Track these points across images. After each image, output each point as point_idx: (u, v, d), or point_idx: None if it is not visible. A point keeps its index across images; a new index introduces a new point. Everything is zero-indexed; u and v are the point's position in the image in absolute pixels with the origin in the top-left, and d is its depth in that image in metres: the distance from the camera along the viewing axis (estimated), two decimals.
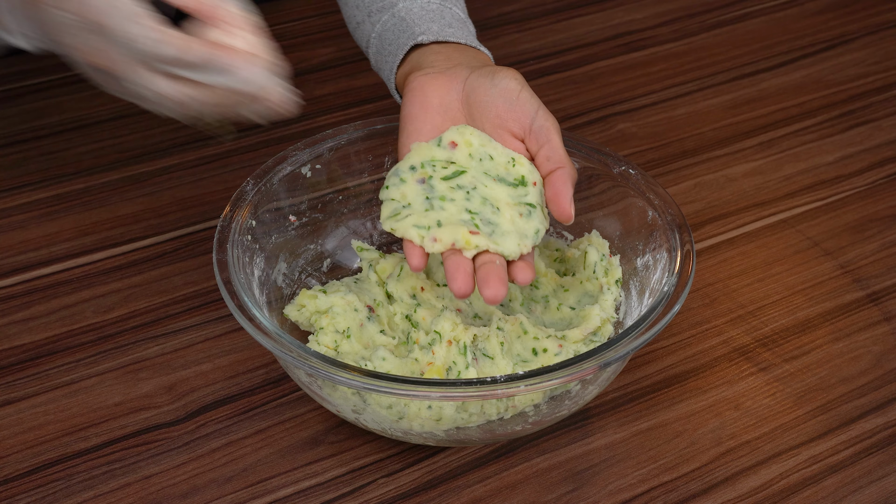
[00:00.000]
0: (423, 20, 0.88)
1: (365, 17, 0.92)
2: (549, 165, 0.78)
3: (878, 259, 0.99)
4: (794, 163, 1.11)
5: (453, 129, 0.81)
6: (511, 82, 0.80)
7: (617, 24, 1.33)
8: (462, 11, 0.92)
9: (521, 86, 0.80)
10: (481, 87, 0.80)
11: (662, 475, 0.80)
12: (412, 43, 0.87)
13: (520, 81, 0.80)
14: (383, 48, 0.90)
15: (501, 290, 0.73)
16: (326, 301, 0.83)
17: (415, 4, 0.89)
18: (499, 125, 0.80)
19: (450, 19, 0.89)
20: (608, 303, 0.84)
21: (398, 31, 0.89)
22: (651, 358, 0.89)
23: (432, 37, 0.86)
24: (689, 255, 0.79)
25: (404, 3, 0.90)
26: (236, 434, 0.82)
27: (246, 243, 0.82)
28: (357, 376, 0.70)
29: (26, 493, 0.78)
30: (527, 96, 0.79)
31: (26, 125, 1.12)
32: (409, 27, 0.88)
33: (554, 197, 0.78)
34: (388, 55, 0.89)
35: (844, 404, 0.86)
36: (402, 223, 0.77)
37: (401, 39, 0.88)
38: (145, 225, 1.00)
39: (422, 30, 0.87)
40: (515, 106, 0.79)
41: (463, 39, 0.87)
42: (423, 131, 0.81)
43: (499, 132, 0.80)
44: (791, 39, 1.31)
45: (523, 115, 0.79)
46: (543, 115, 0.79)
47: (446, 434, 0.77)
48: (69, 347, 0.88)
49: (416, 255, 0.77)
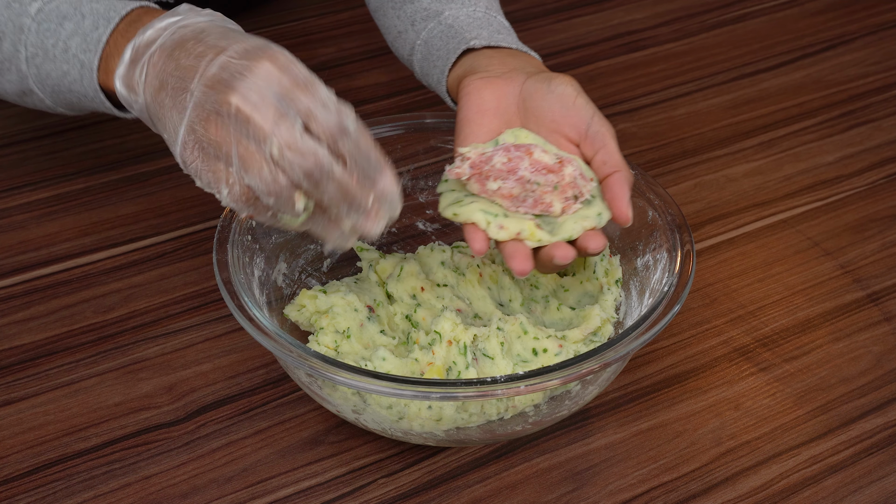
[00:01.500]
0: (472, 27, 0.88)
1: (408, 25, 0.92)
2: (606, 169, 0.79)
3: (878, 259, 0.99)
4: (794, 163, 1.11)
5: (509, 132, 0.81)
6: (567, 88, 0.80)
7: (617, 24, 1.33)
8: (506, 21, 0.92)
9: (577, 92, 0.80)
10: (538, 92, 0.80)
11: (662, 475, 0.80)
12: (464, 47, 0.87)
13: (576, 88, 0.80)
14: (431, 54, 0.90)
15: (528, 264, 0.75)
16: (326, 301, 0.83)
17: (461, 13, 0.90)
18: (554, 130, 0.80)
19: (497, 26, 0.90)
20: (608, 303, 0.84)
21: (447, 38, 0.89)
22: (651, 358, 0.89)
23: (484, 41, 0.87)
24: (689, 255, 0.79)
25: (450, 12, 0.90)
26: (236, 434, 0.82)
27: (246, 243, 0.82)
28: (357, 376, 0.70)
29: (26, 493, 0.78)
30: (583, 102, 0.80)
31: (26, 125, 1.12)
32: (458, 33, 0.88)
33: (612, 200, 0.78)
34: (438, 60, 0.89)
35: (844, 404, 0.86)
36: (466, 208, 0.77)
37: (451, 45, 0.88)
38: (145, 225, 1.00)
39: (473, 35, 0.87)
40: (571, 111, 0.80)
41: (514, 45, 0.87)
42: (480, 134, 0.81)
43: (554, 136, 0.81)
44: (791, 39, 1.31)
45: (579, 120, 0.79)
46: (599, 121, 0.79)
47: (446, 434, 0.77)
48: (69, 347, 0.88)
49: (479, 239, 0.76)
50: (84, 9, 0.80)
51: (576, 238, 0.76)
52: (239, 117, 0.66)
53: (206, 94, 0.67)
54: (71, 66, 0.79)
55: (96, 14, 0.79)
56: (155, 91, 0.71)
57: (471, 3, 0.91)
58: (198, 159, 0.69)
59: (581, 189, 0.77)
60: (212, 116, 0.67)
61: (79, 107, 0.84)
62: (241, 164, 0.67)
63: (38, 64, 0.81)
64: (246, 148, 0.66)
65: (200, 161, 0.69)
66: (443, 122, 0.91)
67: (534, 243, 0.76)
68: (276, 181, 0.66)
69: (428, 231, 0.95)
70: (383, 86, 1.19)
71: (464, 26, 0.89)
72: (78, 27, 0.79)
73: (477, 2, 0.91)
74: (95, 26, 0.78)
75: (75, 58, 0.79)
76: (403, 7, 0.93)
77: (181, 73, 0.69)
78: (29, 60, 0.81)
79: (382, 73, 1.20)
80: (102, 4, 0.80)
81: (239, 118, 0.66)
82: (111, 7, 0.79)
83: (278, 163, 0.66)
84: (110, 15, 0.79)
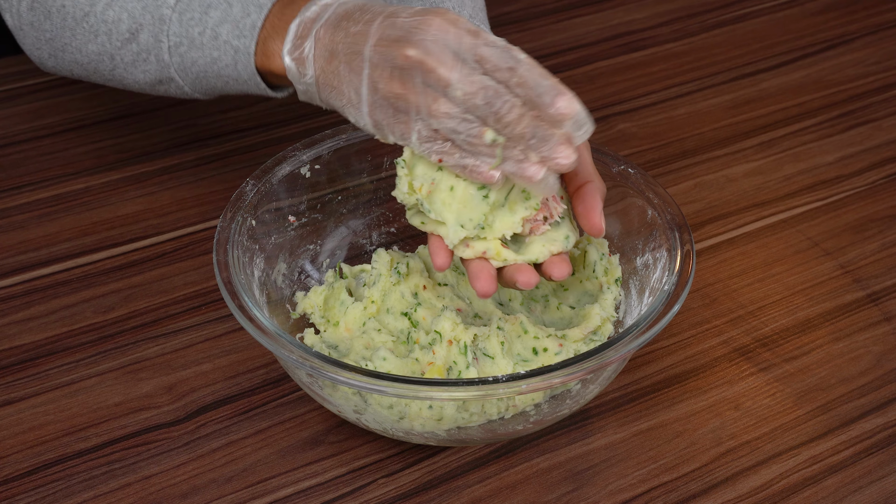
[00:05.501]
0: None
1: None
2: (578, 180, 0.78)
3: (878, 259, 0.99)
4: (794, 163, 1.11)
5: None
6: None
7: (617, 24, 1.33)
8: (489, 30, 0.92)
9: None
10: None
11: (662, 475, 0.80)
12: None
13: None
14: None
15: (492, 285, 0.75)
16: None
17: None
18: None
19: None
20: (608, 302, 0.84)
21: None
22: (651, 358, 0.89)
23: None
24: (689, 254, 0.79)
25: None
26: (236, 434, 0.82)
27: (246, 243, 0.82)
28: (358, 376, 0.70)
29: (26, 493, 0.78)
30: None
31: (26, 125, 1.12)
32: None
33: (584, 211, 0.77)
34: None
35: (844, 404, 0.86)
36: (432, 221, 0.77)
37: None
38: (145, 225, 1.00)
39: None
40: None
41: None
42: None
43: None
44: (791, 39, 1.31)
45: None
46: None
47: (447, 434, 0.77)
48: (69, 347, 0.88)
49: (442, 255, 0.76)
50: None
51: (541, 262, 0.76)
52: (421, 68, 0.70)
53: (383, 53, 0.71)
54: (222, 52, 0.82)
55: (244, 1, 0.81)
56: (325, 62, 0.75)
57: (455, 10, 0.91)
58: (387, 115, 0.73)
59: (551, 210, 0.76)
60: (394, 72, 0.71)
61: (223, 91, 0.87)
62: (427, 111, 0.71)
63: (183, 52, 0.84)
64: (431, 95, 0.70)
65: (390, 117, 0.73)
66: None
67: (499, 263, 0.75)
68: (464, 119, 0.70)
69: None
70: None
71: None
72: (226, 15, 0.82)
73: (461, 9, 0.92)
74: (247, 13, 0.81)
75: (227, 44, 0.82)
76: None
77: (352, 40, 0.73)
78: (172, 49, 0.84)
79: None
80: None
81: (422, 69, 0.70)
82: None
83: (462, 102, 0.70)
84: (261, 2, 0.81)
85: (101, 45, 0.87)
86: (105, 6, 0.85)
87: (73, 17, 0.87)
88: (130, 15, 0.85)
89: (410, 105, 0.71)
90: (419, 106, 0.71)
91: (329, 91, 0.76)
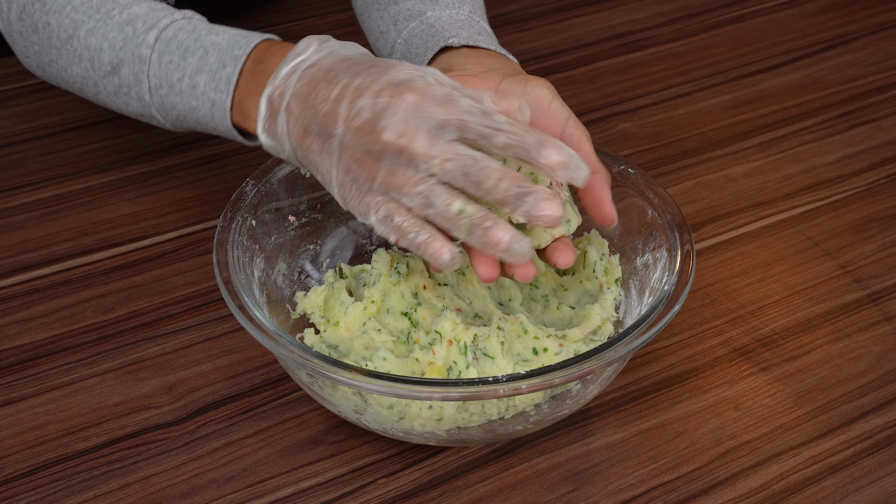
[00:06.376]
0: (452, 27, 0.88)
1: (390, 25, 0.93)
2: None
3: (878, 259, 0.99)
4: (794, 163, 1.11)
5: None
6: (543, 91, 0.79)
7: (617, 24, 1.33)
8: (488, 27, 0.93)
9: (553, 95, 0.79)
10: (513, 94, 0.80)
11: (662, 475, 0.80)
12: (442, 44, 0.87)
13: (551, 91, 0.79)
14: (410, 52, 0.90)
15: (495, 270, 0.74)
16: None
17: (444, 14, 0.90)
18: None
19: (478, 29, 0.90)
20: (608, 302, 0.84)
21: (427, 36, 0.89)
22: (651, 358, 0.89)
23: (463, 41, 0.87)
24: (689, 254, 0.79)
25: (433, 12, 0.90)
26: (236, 434, 0.82)
27: (246, 243, 0.82)
28: (358, 376, 0.70)
29: (26, 493, 0.78)
30: (558, 106, 0.79)
31: (26, 125, 1.12)
32: (438, 32, 0.88)
33: (594, 202, 0.77)
34: (416, 57, 0.89)
35: (844, 404, 0.86)
36: None
37: (430, 42, 0.88)
38: (145, 225, 1.00)
39: (452, 34, 0.87)
40: (546, 114, 0.79)
41: (493, 47, 0.87)
42: None
43: None
44: (791, 39, 1.31)
45: (554, 123, 0.79)
46: (574, 124, 0.79)
47: (447, 434, 0.77)
48: (69, 347, 0.88)
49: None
50: (205, 42, 0.82)
51: (544, 247, 0.76)
52: (395, 150, 0.69)
53: (355, 137, 0.70)
54: (200, 102, 0.82)
55: (220, 50, 0.81)
56: (299, 138, 0.74)
57: (454, 6, 0.92)
58: (355, 195, 0.72)
59: None
60: (366, 156, 0.70)
61: (203, 132, 0.87)
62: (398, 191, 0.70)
63: (163, 95, 0.84)
64: (403, 175, 0.69)
65: (356, 197, 0.72)
66: None
67: None
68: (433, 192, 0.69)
69: None
70: None
71: (444, 26, 0.89)
72: (203, 63, 0.82)
73: (461, 5, 0.92)
74: (222, 64, 0.81)
75: (205, 95, 0.82)
76: (388, 8, 0.94)
77: (323, 121, 0.72)
78: (153, 90, 0.85)
79: None
80: (223, 37, 0.82)
81: (395, 150, 0.69)
82: (233, 42, 0.81)
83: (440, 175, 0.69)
84: (235, 53, 0.81)
85: (84, 70, 0.88)
86: (87, 32, 0.86)
87: (58, 37, 0.88)
88: (111, 46, 0.85)
89: (379, 185, 0.71)
90: (389, 186, 0.70)
91: (307, 164, 0.75)
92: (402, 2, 0.93)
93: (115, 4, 0.86)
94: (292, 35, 1.27)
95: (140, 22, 0.85)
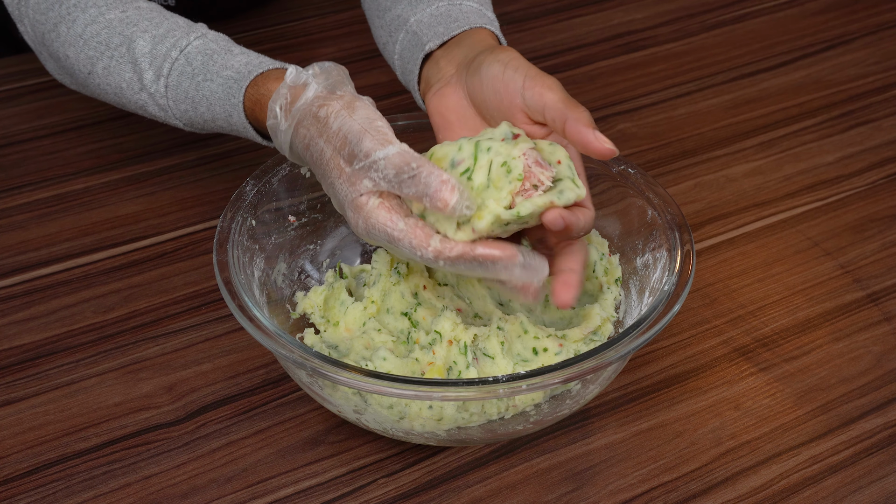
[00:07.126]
0: (429, 28, 0.88)
1: (388, 37, 0.93)
2: (557, 124, 0.74)
3: (878, 259, 0.99)
4: (794, 163, 1.11)
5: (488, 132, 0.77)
6: (493, 67, 0.77)
7: (617, 24, 1.33)
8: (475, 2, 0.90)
9: (504, 65, 0.76)
10: (474, 86, 0.79)
11: (662, 475, 0.80)
12: (422, 55, 0.86)
13: (502, 62, 0.77)
14: (405, 68, 0.90)
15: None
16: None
17: (424, 14, 0.89)
18: (508, 115, 0.77)
19: (456, 14, 0.88)
20: (608, 302, 0.84)
21: (412, 48, 0.88)
22: (651, 358, 0.89)
23: (438, 41, 0.86)
24: (689, 254, 0.79)
25: (416, 17, 0.89)
26: (236, 434, 0.82)
27: (246, 243, 0.82)
28: (358, 376, 0.70)
29: (26, 493, 0.78)
30: (510, 75, 0.76)
31: (26, 125, 1.12)
32: (418, 39, 0.88)
33: (579, 144, 0.72)
34: (410, 75, 0.89)
35: (844, 404, 0.86)
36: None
37: (415, 55, 0.88)
38: (145, 225, 1.00)
39: (428, 38, 0.87)
40: (503, 94, 0.76)
41: (466, 25, 0.86)
42: None
43: (514, 121, 0.77)
44: (791, 39, 1.31)
45: (514, 96, 0.76)
46: (529, 84, 0.75)
47: (447, 434, 0.77)
48: (69, 347, 0.88)
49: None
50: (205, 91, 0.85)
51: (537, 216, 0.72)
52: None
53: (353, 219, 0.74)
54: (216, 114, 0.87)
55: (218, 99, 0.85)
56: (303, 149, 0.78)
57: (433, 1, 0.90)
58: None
59: (539, 177, 0.72)
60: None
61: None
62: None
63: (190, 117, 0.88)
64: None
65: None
66: None
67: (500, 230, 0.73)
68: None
69: None
70: (383, 86, 1.19)
71: (424, 29, 0.88)
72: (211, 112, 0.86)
73: None
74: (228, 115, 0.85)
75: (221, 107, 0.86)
76: (384, 15, 0.93)
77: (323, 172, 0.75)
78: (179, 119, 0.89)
79: (382, 73, 1.20)
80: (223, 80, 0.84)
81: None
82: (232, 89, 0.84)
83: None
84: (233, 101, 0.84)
85: (113, 99, 0.92)
86: (104, 71, 0.90)
87: (79, 71, 0.91)
88: (130, 86, 0.89)
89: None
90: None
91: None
92: (393, 7, 0.92)
93: (122, 39, 0.88)
94: (292, 35, 1.27)
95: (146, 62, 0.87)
